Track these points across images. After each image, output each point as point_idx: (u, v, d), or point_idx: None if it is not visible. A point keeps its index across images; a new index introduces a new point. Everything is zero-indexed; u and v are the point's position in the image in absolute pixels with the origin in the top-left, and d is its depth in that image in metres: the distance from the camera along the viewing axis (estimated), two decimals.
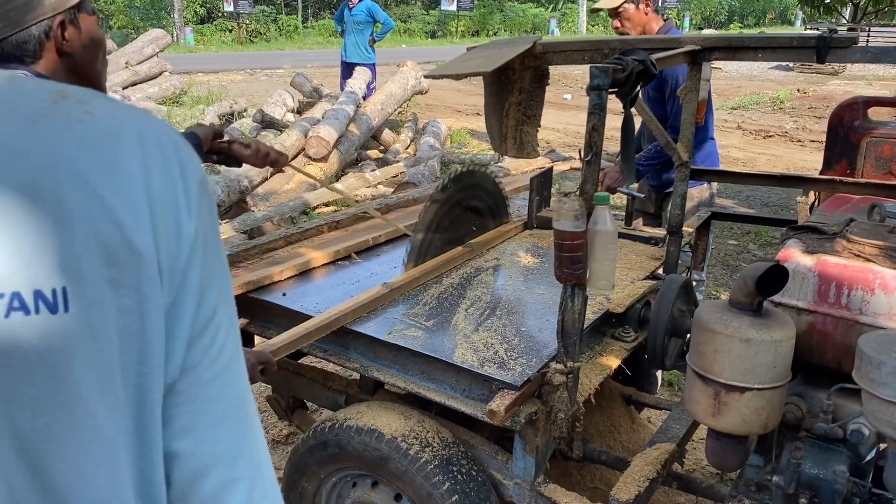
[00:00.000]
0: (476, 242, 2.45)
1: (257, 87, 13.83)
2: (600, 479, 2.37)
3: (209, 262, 0.65)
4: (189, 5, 26.54)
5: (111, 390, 0.59)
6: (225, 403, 0.67)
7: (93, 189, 0.57)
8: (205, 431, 0.66)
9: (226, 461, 0.67)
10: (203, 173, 0.66)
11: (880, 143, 2.72)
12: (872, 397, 1.35)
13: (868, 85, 15.00)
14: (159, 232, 0.60)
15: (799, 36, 2.06)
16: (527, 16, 33.12)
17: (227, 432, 0.67)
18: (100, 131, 0.60)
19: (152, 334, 0.61)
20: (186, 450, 0.66)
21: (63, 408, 0.57)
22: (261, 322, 2.16)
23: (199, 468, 0.66)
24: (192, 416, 0.66)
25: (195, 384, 0.65)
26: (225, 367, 0.67)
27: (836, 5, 16.94)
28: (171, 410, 0.65)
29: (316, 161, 6.60)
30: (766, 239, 5.81)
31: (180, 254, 0.62)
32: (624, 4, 3.30)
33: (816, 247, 1.73)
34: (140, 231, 0.59)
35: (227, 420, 0.67)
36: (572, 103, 13.02)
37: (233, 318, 0.69)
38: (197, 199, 0.64)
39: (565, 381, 1.66)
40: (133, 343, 0.60)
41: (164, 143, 0.63)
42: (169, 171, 0.62)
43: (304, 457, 1.95)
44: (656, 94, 3.20)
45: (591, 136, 1.58)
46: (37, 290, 0.55)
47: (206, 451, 0.66)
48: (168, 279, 0.61)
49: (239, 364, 0.70)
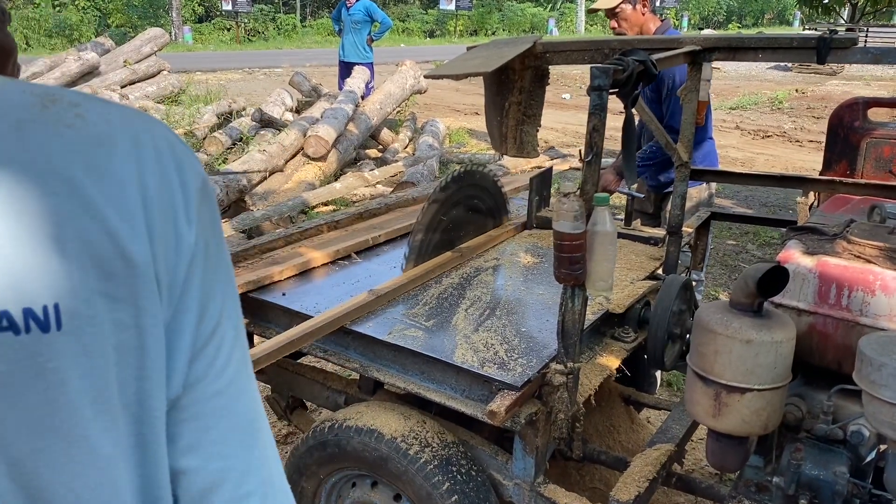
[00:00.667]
0: (466, 248, 2.44)
1: (256, 86, 13.82)
2: (600, 479, 2.37)
3: (211, 272, 0.62)
4: (187, 4, 26.51)
5: (108, 409, 0.56)
6: (233, 417, 0.65)
7: (85, 198, 0.54)
8: (212, 447, 0.64)
9: (235, 477, 0.65)
10: (204, 177, 0.63)
11: (880, 143, 2.73)
12: (873, 399, 1.35)
13: (866, 85, 15.02)
14: (156, 241, 0.57)
15: (799, 36, 2.06)
16: (525, 15, 33.14)
17: (236, 447, 0.65)
18: (92, 136, 0.57)
19: (152, 349, 0.58)
20: (193, 467, 0.63)
21: (57, 430, 0.54)
22: (261, 322, 2.16)
23: (207, 485, 0.64)
24: (199, 432, 0.63)
25: (200, 399, 0.63)
26: (231, 381, 0.65)
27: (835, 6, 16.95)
28: (176, 427, 0.62)
29: (315, 160, 6.60)
30: (765, 239, 5.81)
31: (179, 264, 0.59)
32: (621, 5, 3.30)
33: (817, 248, 1.73)
34: (136, 241, 0.56)
35: (235, 434, 0.65)
36: (571, 103, 13.03)
37: (238, 329, 0.66)
38: (197, 206, 0.61)
39: (565, 382, 1.66)
40: (131, 359, 0.57)
41: (161, 146, 0.60)
42: (166, 176, 0.59)
43: (304, 457, 1.95)
44: (653, 95, 3.21)
45: (592, 137, 1.58)
46: (27, 308, 0.52)
47: (214, 467, 0.64)
48: (167, 291, 0.59)
49: (247, 376, 0.67)
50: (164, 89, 10.15)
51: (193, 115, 8.59)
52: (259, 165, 6.01)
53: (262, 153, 6.17)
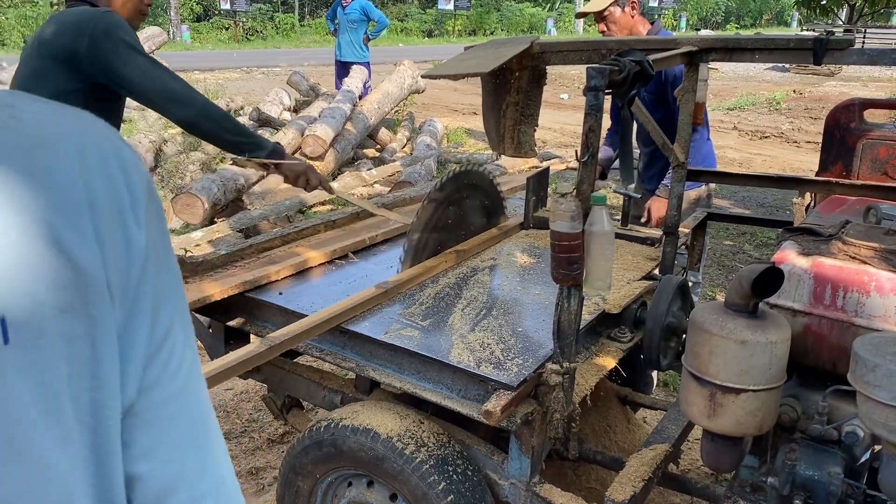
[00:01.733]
0: (467, 247, 2.45)
1: (254, 86, 13.82)
2: (596, 479, 2.37)
3: (162, 275, 0.60)
4: (185, 3, 26.49)
5: (61, 423, 0.54)
6: (186, 420, 0.64)
7: (25, 205, 0.51)
8: (167, 452, 0.63)
9: (190, 479, 0.64)
10: (149, 178, 0.61)
11: (876, 145, 2.73)
12: (867, 399, 1.35)
13: (864, 86, 15.05)
14: (106, 248, 0.55)
15: (796, 37, 2.07)
16: (524, 15, 33.16)
17: (190, 450, 0.64)
18: (29, 138, 0.53)
19: (105, 359, 0.56)
20: (148, 472, 0.62)
21: (6, 448, 0.52)
22: (257, 321, 2.16)
23: (162, 490, 0.63)
24: (153, 437, 0.62)
25: (155, 404, 0.61)
26: (184, 383, 0.63)
27: (833, 7, 16.98)
28: (131, 433, 0.60)
29: (312, 160, 6.60)
30: (762, 240, 5.82)
31: (131, 269, 0.57)
32: (609, 7, 3.25)
33: (812, 249, 1.73)
34: (84, 248, 0.53)
35: (189, 437, 0.64)
36: (569, 103, 13.04)
37: (188, 331, 0.65)
38: (145, 208, 0.58)
39: (561, 382, 1.66)
40: (84, 370, 0.54)
41: (104, 146, 0.57)
42: (112, 180, 0.56)
43: (300, 456, 1.95)
44: (651, 97, 3.19)
45: (588, 137, 1.58)
46: None
47: (170, 471, 0.63)
48: (119, 298, 0.56)
49: (198, 377, 0.66)
50: None
51: None
52: None
53: None
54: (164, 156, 7.01)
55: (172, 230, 5.34)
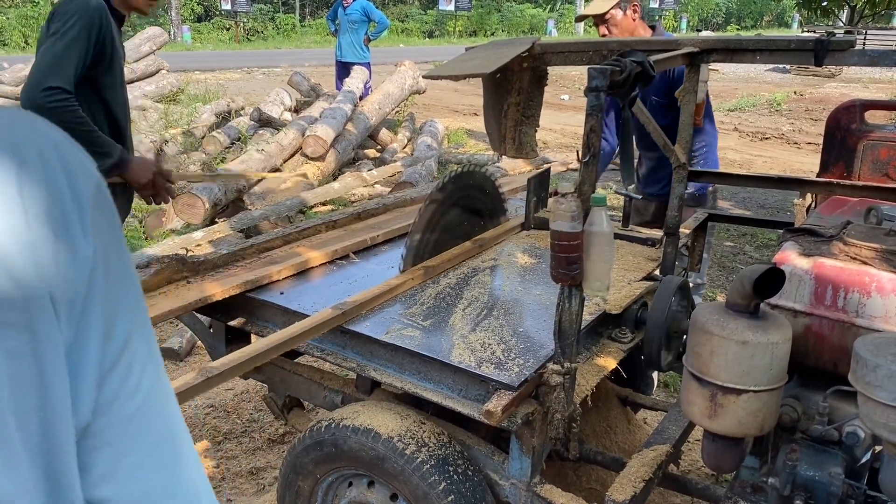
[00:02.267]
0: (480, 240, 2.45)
1: (254, 86, 13.82)
2: (596, 479, 2.37)
3: (115, 285, 0.56)
4: (186, 3, 26.51)
5: (5, 446, 0.50)
6: (151, 438, 0.60)
7: None
8: (130, 472, 0.58)
9: (157, 499, 0.60)
10: (98, 180, 0.56)
11: (877, 146, 2.73)
12: (868, 400, 1.35)
13: (864, 88, 15.05)
14: (46, 258, 0.50)
15: (797, 38, 2.07)
16: (524, 16, 33.17)
17: (157, 469, 0.60)
18: None
19: (52, 376, 0.52)
20: (111, 496, 0.57)
21: None
22: (258, 321, 2.16)
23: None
24: (113, 458, 0.57)
25: (113, 424, 0.57)
26: (145, 400, 0.59)
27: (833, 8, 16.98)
28: (89, 455, 0.56)
29: (313, 160, 6.60)
30: (763, 241, 5.82)
31: (77, 280, 0.53)
32: (611, 11, 3.23)
33: (813, 249, 1.73)
34: (22, 260, 0.49)
35: (154, 456, 0.60)
36: (570, 104, 13.04)
37: (150, 344, 0.61)
38: (92, 213, 0.54)
39: (562, 382, 1.66)
40: (30, 390, 0.50)
41: (45, 149, 0.52)
42: (53, 183, 0.51)
43: (300, 456, 1.95)
44: (663, 102, 3.15)
45: (589, 138, 1.58)
46: None
47: (134, 493, 0.59)
48: (66, 311, 0.52)
49: (163, 392, 0.61)
50: (162, 88, 10.14)
51: (192, 114, 8.59)
52: (257, 165, 6.02)
53: (261, 153, 6.18)
54: (164, 156, 7.02)
55: (173, 230, 5.34)
